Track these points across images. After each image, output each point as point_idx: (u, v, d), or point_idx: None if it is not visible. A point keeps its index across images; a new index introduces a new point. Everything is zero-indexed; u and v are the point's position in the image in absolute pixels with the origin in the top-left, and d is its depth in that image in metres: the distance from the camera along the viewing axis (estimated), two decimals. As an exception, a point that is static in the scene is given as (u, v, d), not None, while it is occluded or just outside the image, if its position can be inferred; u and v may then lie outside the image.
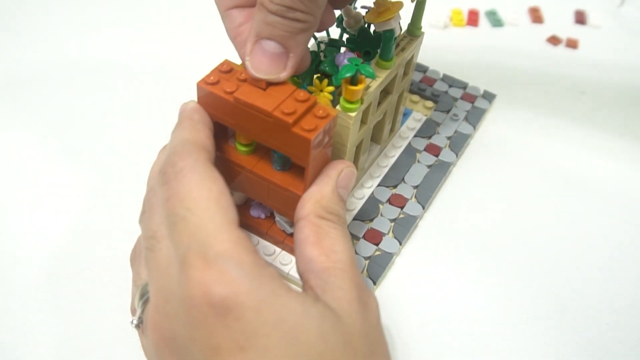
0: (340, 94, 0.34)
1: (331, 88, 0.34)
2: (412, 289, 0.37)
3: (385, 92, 0.39)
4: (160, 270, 0.28)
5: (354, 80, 0.33)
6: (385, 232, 0.39)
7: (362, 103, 0.34)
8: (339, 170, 0.32)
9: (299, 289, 0.28)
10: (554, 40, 0.58)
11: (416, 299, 0.37)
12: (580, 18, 0.63)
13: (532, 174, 0.46)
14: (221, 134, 0.35)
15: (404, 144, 0.46)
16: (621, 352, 0.35)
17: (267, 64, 0.29)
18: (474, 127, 0.48)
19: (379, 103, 0.38)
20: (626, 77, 0.56)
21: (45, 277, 0.37)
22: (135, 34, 0.56)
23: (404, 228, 0.40)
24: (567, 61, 0.58)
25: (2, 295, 0.36)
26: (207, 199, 0.27)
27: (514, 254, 0.40)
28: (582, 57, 0.58)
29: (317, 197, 0.31)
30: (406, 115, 0.48)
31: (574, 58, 0.58)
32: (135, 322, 0.30)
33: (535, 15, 0.62)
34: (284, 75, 0.30)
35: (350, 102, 0.34)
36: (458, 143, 0.46)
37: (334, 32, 0.39)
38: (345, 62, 0.34)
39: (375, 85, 0.35)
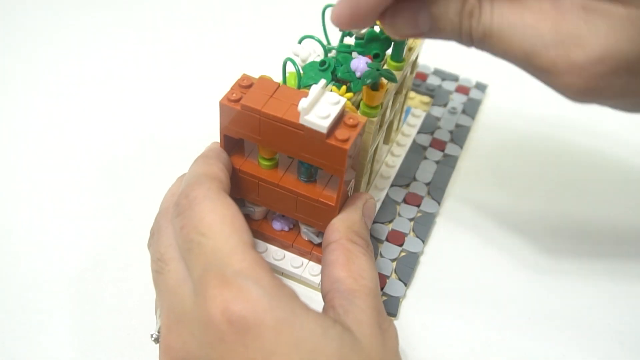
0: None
1: (350, 95, 0.34)
2: (442, 286, 0.38)
3: (396, 92, 0.39)
4: (170, 292, 0.27)
5: (374, 85, 0.33)
6: (407, 232, 0.39)
7: (381, 107, 0.34)
8: (364, 201, 0.34)
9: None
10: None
11: (449, 295, 0.37)
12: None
13: (535, 160, 0.47)
14: (240, 152, 0.34)
15: (409, 141, 0.46)
16: (621, 352, 0.35)
17: None
18: (473, 119, 0.49)
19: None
20: None
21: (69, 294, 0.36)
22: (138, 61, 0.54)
23: (424, 226, 0.40)
24: None
25: (23, 311, 0.35)
26: (220, 223, 0.27)
27: (522, 245, 0.40)
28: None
29: (348, 222, 0.32)
30: (406, 112, 0.48)
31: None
32: (155, 335, 0.30)
33: None
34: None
35: (371, 107, 0.33)
36: (461, 136, 0.47)
37: (335, 35, 0.39)
38: (362, 66, 0.34)
39: (392, 88, 0.35)
